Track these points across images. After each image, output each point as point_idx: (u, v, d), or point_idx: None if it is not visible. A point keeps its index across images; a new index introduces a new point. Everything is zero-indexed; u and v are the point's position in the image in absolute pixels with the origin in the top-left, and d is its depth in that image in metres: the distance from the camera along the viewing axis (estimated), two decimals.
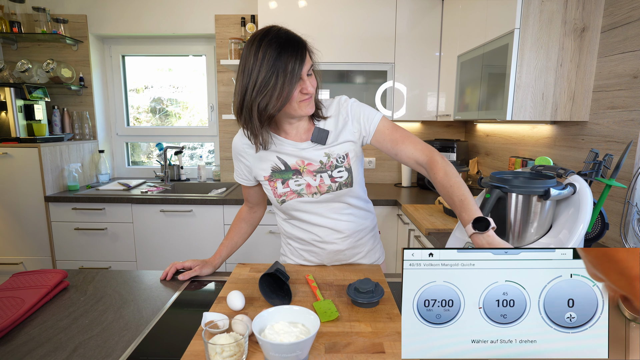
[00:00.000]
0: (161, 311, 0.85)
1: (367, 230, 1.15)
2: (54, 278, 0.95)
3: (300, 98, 0.92)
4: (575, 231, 0.81)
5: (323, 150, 1.00)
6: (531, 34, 1.42)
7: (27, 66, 2.49)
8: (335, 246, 1.09)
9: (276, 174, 1.02)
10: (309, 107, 0.94)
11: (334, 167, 1.01)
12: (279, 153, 1.01)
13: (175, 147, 2.78)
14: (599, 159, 1.00)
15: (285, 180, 1.01)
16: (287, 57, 0.85)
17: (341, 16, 2.31)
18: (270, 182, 1.03)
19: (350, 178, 1.02)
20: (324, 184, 1.01)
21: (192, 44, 2.81)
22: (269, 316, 0.68)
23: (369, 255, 1.17)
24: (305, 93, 0.91)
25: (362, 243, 1.13)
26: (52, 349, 0.71)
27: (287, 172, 1.01)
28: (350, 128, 1.02)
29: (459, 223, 1.06)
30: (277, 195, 1.03)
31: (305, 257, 1.13)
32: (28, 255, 2.34)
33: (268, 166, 1.02)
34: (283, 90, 0.86)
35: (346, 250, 1.10)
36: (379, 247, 1.22)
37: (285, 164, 1.01)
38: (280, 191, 1.02)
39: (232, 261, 2.31)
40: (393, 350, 0.68)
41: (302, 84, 0.90)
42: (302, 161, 1.01)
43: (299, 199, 1.02)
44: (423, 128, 2.80)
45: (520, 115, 1.48)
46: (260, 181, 1.06)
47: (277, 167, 1.02)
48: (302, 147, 1.01)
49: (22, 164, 2.24)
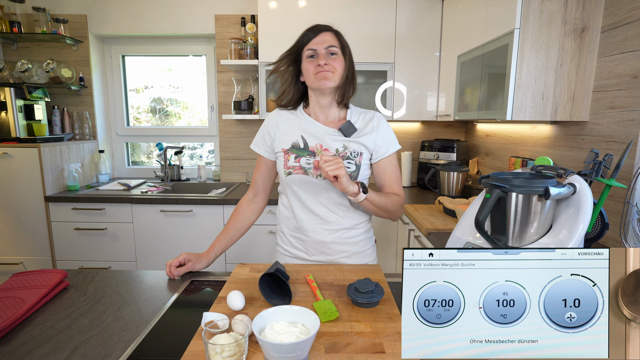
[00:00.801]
0: (161, 311, 0.85)
1: (359, 231, 1.17)
2: (54, 278, 0.95)
3: (317, 70, 1.05)
4: (575, 231, 0.81)
5: (343, 142, 1.10)
6: (531, 34, 1.42)
7: (27, 66, 2.49)
8: (320, 236, 1.13)
9: (293, 149, 1.12)
10: (324, 79, 1.05)
11: (345, 157, 1.09)
12: (303, 132, 1.12)
13: (175, 147, 2.78)
14: (599, 159, 1.00)
15: (298, 157, 1.11)
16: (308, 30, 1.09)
17: (341, 16, 2.31)
18: (285, 154, 1.12)
19: (356, 173, 1.10)
20: None
21: (192, 44, 2.81)
22: (269, 316, 0.68)
23: (354, 257, 1.17)
24: (319, 65, 1.04)
25: (349, 242, 1.15)
26: (52, 349, 0.71)
27: (304, 151, 1.11)
28: (372, 138, 1.12)
29: (459, 223, 1.06)
30: (287, 167, 1.11)
31: (293, 244, 1.18)
32: (28, 255, 2.35)
33: (290, 140, 1.13)
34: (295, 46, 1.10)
35: (331, 243, 1.13)
36: (369, 253, 1.21)
37: (305, 143, 1.12)
38: (290, 163, 1.11)
39: (232, 261, 2.31)
40: (393, 350, 0.68)
41: (319, 58, 1.05)
42: (321, 145, 1.11)
43: (304, 175, 1.10)
44: (423, 128, 2.80)
45: (520, 115, 1.48)
46: (277, 152, 1.15)
47: (297, 144, 1.12)
48: (327, 131, 1.11)
49: (22, 164, 2.24)
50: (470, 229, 1.01)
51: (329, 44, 1.07)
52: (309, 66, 1.07)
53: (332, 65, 1.06)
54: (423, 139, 2.79)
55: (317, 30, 1.08)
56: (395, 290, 0.96)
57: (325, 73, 1.05)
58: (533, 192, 0.88)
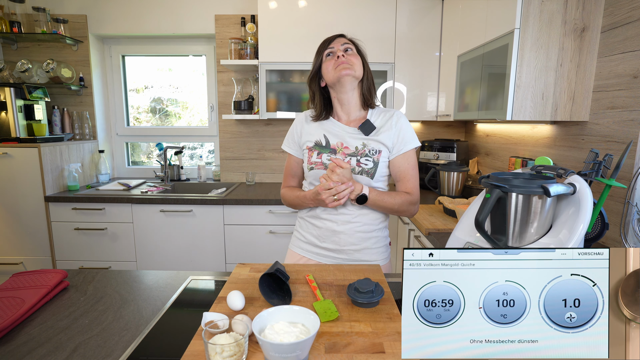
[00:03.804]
0: (161, 311, 0.85)
1: (371, 228, 1.19)
2: (54, 278, 0.95)
3: (335, 65, 1.13)
4: (575, 231, 0.81)
5: (362, 140, 1.17)
6: (531, 34, 1.42)
7: (27, 66, 2.49)
8: (333, 225, 1.18)
9: (317, 147, 1.20)
10: (344, 70, 1.12)
11: (364, 155, 1.15)
12: (326, 131, 1.20)
13: (175, 147, 2.78)
14: (599, 159, 1.00)
15: (320, 153, 1.19)
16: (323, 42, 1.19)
17: (341, 16, 2.31)
18: (309, 150, 1.20)
19: (374, 170, 1.15)
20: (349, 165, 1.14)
21: (192, 44, 2.81)
22: (269, 316, 0.68)
23: (364, 252, 1.19)
24: (338, 58, 1.13)
25: (361, 237, 1.18)
26: (52, 349, 0.71)
27: (326, 148, 1.19)
28: (390, 135, 1.16)
29: (459, 223, 1.06)
30: (309, 163, 1.20)
31: (308, 229, 1.24)
32: (28, 255, 2.34)
33: (314, 139, 1.21)
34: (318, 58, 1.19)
35: (341, 233, 1.17)
36: (381, 252, 1.23)
37: (327, 141, 1.19)
38: (313, 160, 1.19)
39: (232, 261, 2.31)
40: (393, 350, 0.68)
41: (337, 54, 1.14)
42: (342, 143, 1.18)
43: (324, 171, 1.16)
44: (423, 128, 2.80)
45: (520, 115, 1.48)
46: (302, 150, 1.24)
47: (319, 142, 1.20)
48: (347, 130, 1.19)
49: (22, 164, 2.24)
50: (470, 229, 1.01)
51: (343, 43, 1.17)
52: (328, 64, 1.15)
53: (349, 59, 1.14)
54: (423, 139, 2.79)
55: (332, 38, 1.19)
56: (395, 290, 0.96)
57: (344, 64, 1.12)
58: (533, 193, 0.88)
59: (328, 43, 1.17)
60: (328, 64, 1.15)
